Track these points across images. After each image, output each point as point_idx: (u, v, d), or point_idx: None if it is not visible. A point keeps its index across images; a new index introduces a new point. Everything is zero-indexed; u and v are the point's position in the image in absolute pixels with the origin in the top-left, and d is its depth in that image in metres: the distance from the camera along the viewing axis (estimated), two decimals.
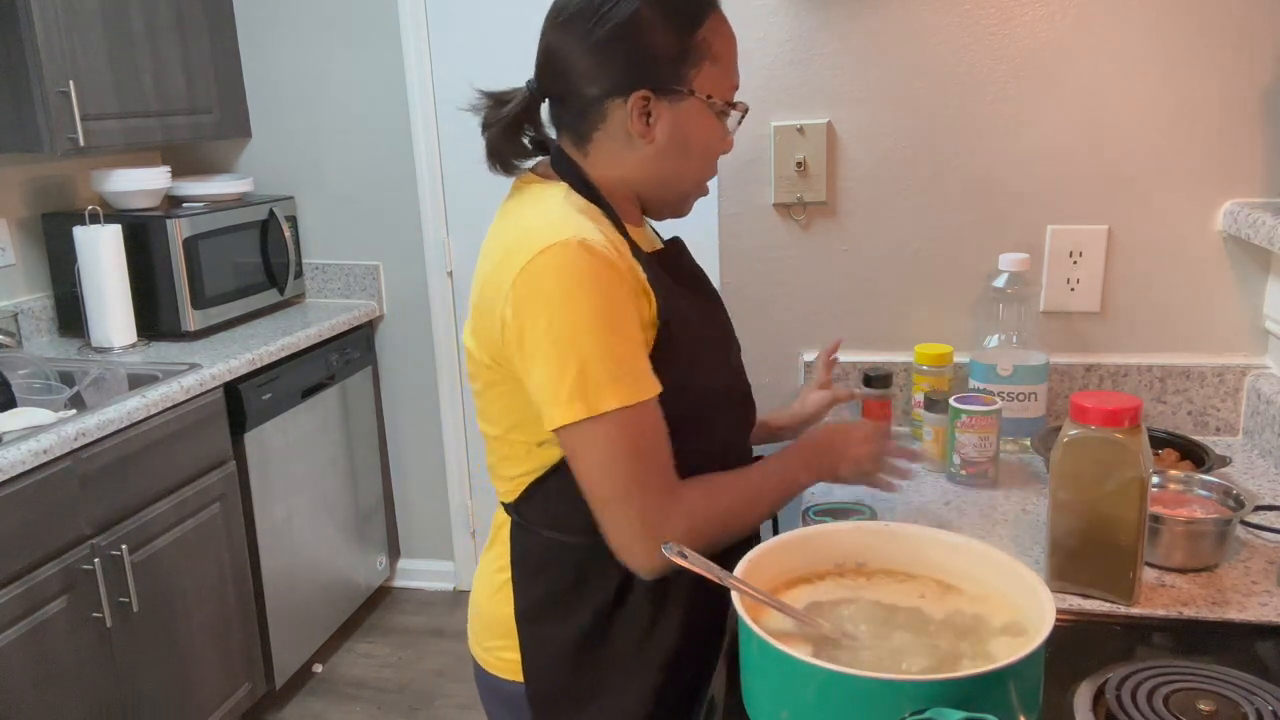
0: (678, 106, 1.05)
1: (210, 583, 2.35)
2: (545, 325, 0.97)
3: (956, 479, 1.47)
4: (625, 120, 1.05)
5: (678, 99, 1.05)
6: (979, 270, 1.69)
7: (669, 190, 1.12)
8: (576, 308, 0.96)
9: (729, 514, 1.06)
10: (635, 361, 0.99)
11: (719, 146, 1.11)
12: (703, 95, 1.05)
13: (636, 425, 0.99)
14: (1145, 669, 0.94)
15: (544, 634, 1.13)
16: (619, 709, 1.11)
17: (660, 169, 1.09)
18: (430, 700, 2.73)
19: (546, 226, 1.01)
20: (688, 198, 1.15)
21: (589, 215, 1.05)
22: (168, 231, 2.54)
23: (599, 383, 0.96)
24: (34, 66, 2.27)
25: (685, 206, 1.17)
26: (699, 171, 1.12)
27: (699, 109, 1.06)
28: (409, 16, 2.88)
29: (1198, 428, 1.64)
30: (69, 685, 1.93)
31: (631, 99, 1.04)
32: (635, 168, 1.09)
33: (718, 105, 1.07)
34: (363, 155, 3.02)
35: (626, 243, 1.07)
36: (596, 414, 0.96)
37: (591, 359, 0.96)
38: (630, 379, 0.98)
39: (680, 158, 1.09)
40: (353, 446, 3.01)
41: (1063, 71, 1.59)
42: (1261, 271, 1.60)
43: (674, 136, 1.07)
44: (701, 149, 1.10)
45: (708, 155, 1.11)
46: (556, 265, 0.97)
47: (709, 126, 1.08)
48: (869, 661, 0.85)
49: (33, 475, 1.84)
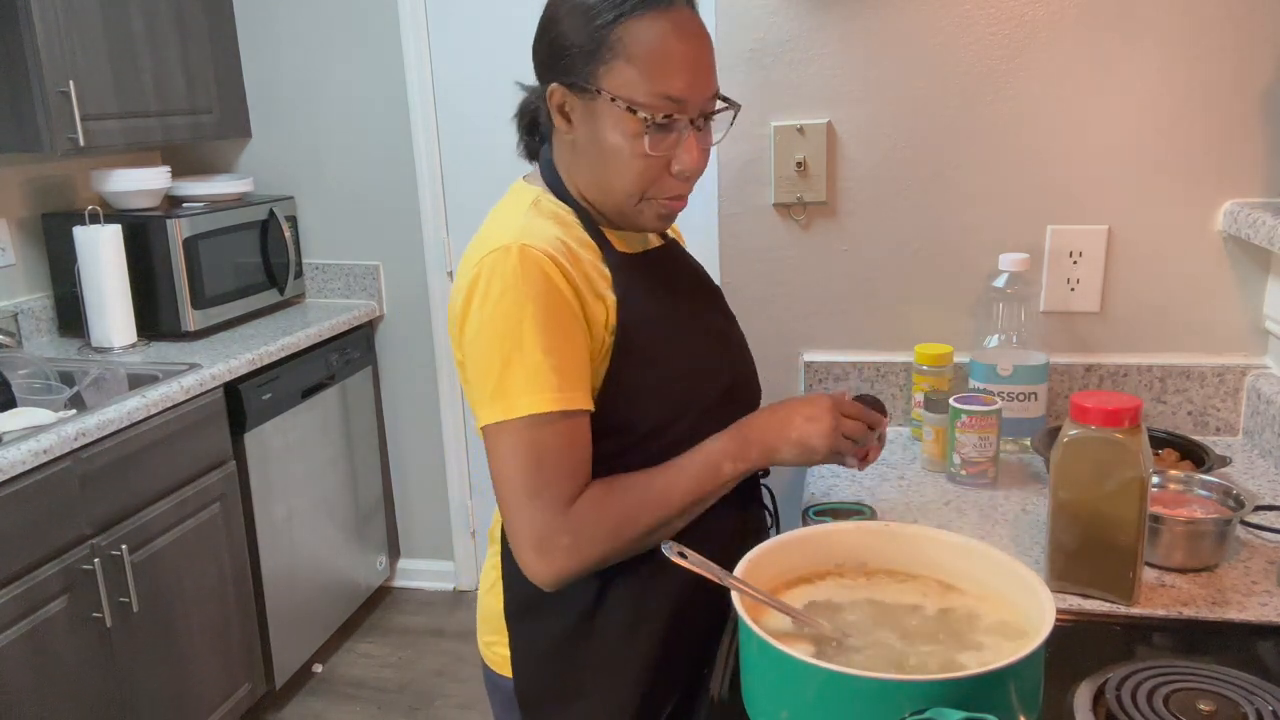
0: (591, 106, 1.02)
1: (210, 583, 2.35)
2: (478, 328, 1.00)
3: (956, 479, 1.47)
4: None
5: (589, 97, 1.01)
6: (979, 270, 1.69)
7: (606, 196, 1.06)
8: (507, 313, 0.98)
9: (624, 521, 1.02)
10: (561, 371, 0.98)
11: (634, 152, 1.01)
12: (611, 96, 0.99)
13: (545, 434, 0.98)
14: (1145, 669, 0.94)
15: (530, 631, 1.13)
16: (605, 710, 1.11)
17: (592, 171, 1.06)
18: (430, 700, 2.73)
19: (498, 231, 1.03)
20: (626, 209, 1.06)
21: (556, 220, 1.06)
22: (168, 231, 2.54)
23: (517, 388, 0.98)
24: (34, 66, 2.27)
25: (636, 218, 1.07)
26: (624, 178, 1.03)
27: (609, 110, 1.00)
28: (409, 16, 2.87)
29: (1198, 428, 1.64)
30: (69, 685, 1.93)
31: (549, 91, 1.04)
32: (572, 168, 1.09)
33: (628, 108, 0.99)
34: (363, 155, 3.02)
35: (598, 246, 1.07)
36: (509, 418, 0.98)
37: (514, 364, 0.98)
38: (548, 388, 0.98)
39: (602, 163, 1.03)
40: (353, 446, 3.01)
41: (1063, 71, 1.59)
42: (1261, 271, 1.60)
43: (592, 137, 1.03)
44: (618, 153, 1.01)
45: (624, 163, 1.02)
46: (496, 271, 0.99)
47: (620, 131, 1.00)
48: (869, 661, 0.85)
49: (33, 475, 1.84)
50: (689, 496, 1.04)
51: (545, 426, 0.98)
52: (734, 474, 1.07)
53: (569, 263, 1.02)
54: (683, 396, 1.09)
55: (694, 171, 1.04)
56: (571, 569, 1.01)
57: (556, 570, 1.01)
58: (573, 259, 1.03)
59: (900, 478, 1.52)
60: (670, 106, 0.99)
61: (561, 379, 0.98)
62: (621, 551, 1.03)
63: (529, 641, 1.13)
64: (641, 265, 1.11)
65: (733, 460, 1.06)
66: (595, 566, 1.03)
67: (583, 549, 1.00)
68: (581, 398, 1.01)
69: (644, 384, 1.06)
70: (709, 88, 1.03)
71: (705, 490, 1.05)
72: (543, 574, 1.01)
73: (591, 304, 1.03)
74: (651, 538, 1.03)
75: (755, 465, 1.08)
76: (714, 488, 1.06)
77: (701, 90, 1.02)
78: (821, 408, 1.08)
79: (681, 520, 1.05)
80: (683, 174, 1.03)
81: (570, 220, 1.08)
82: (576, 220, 1.09)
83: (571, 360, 1.00)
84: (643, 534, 1.03)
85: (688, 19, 1.01)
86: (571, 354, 1.00)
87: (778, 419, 1.08)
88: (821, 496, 1.44)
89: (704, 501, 1.06)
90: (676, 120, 1.01)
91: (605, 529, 1.01)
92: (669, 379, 1.08)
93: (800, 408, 1.09)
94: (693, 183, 1.07)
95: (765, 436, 1.07)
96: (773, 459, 1.08)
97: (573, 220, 1.08)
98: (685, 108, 1.00)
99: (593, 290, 1.03)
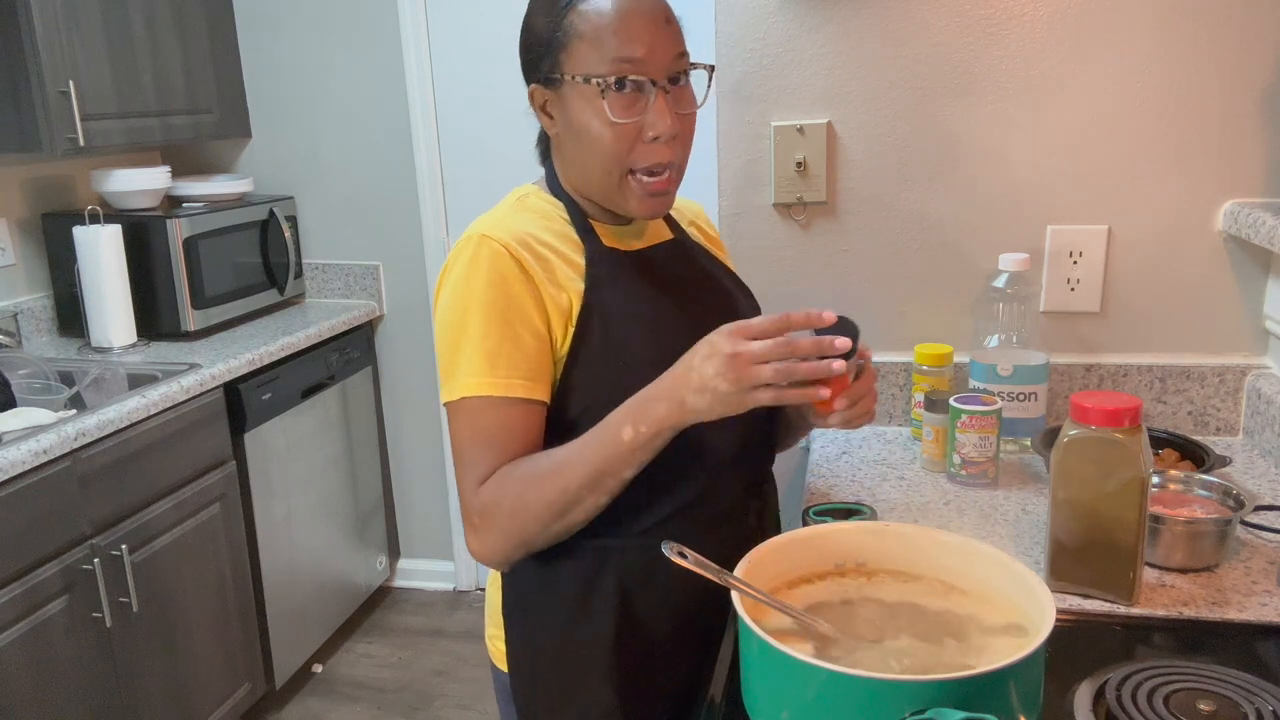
0: (561, 94, 1.05)
1: (210, 583, 2.35)
2: (439, 313, 1.06)
3: (956, 479, 1.47)
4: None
5: (557, 86, 1.04)
6: (979, 270, 1.69)
7: (590, 182, 1.08)
8: (459, 299, 1.03)
9: (526, 491, 0.99)
10: (497, 357, 1.01)
11: (600, 124, 1.02)
12: (572, 76, 1.02)
13: (481, 417, 1.02)
14: (1145, 669, 0.94)
15: (525, 627, 1.13)
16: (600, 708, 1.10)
17: (574, 160, 1.08)
18: (430, 700, 2.73)
19: (477, 223, 1.08)
20: (610, 190, 1.06)
21: (538, 214, 1.10)
22: (168, 231, 2.54)
23: (463, 370, 1.02)
24: (34, 66, 2.27)
25: (622, 201, 1.07)
26: (598, 153, 1.03)
27: (574, 91, 1.03)
28: (409, 16, 2.87)
29: (1198, 428, 1.64)
30: (69, 685, 1.93)
31: (530, 93, 1.09)
32: (562, 163, 1.12)
33: (585, 80, 1.01)
34: (363, 155, 3.02)
35: (581, 240, 1.09)
36: (452, 399, 1.03)
37: (461, 347, 1.02)
38: (483, 373, 1.01)
39: (579, 145, 1.05)
40: (353, 446, 3.01)
41: (1063, 71, 1.59)
42: (1261, 271, 1.60)
43: (566, 124, 1.06)
44: (588, 130, 1.03)
45: (594, 136, 1.02)
46: (458, 260, 1.05)
47: (586, 107, 1.02)
48: (869, 661, 0.85)
49: (33, 475, 1.84)
50: (589, 466, 0.97)
51: (483, 410, 1.02)
52: (640, 438, 0.95)
53: (530, 255, 1.05)
54: None
55: (669, 133, 1.02)
56: (494, 545, 1.02)
57: (479, 546, 1.03)
58: (540, 251, 1.06)
59: (900, 478, 1.52)
60: (626, 68, 1.00)
61: (494, 366, 1.01)
62: (534, 526, 1.00)
63: (524, 637, 1.14)
64: (628, 261, 1.11)
65: (633, 423, 0.95)
66: (517, 544, 1.02)
67: (493, 523, 1.01)
68: (522, 386, 1.02)
69: (603, 375, 1.05)
70: (670, 47, 1.02)
71: (608, 459, 0.96)
72: (472, 550, 1.04)
73: (554, 294, 1.05)
74: (563, 515, 0.99)
75: (665, 423, 0.95)
76: (617, 454, 0.96)
77: (660, 49, 1.01)
78: (717, 337, 0.93)
79: (592, 495, 0.98)
80: (658, 139, 1.02)
81: (555, 214, 1.11)
82: (564, 214, 1.11)
83: (512, 348, 1.02)
84: (549, 508, 0.98)
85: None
86: (512, 342, 1.02)
87: (680, 367, 0.95)
88: (821, 497, 1.44)
89: (612, 474, 0.97)
90: (639, 82, 1.01)
91: (508, 503, 1.00)
92: (631, 371, 1.04)
93: (699, 346, 0.94)
94: (674, 152, 1.05)
95: (667, 391, 0.95)
96: (684, 413, 0.94)
97: (559, 214, 1.11)
98: (643, 67, 1.00)
99: (556, 281, 1.06)
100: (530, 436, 1.03)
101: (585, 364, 1.05)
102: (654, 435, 0.95)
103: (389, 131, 2.98)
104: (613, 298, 1.07)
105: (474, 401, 1.01)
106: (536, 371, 1.03)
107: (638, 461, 0.97)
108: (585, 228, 1.10)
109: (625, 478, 0.98)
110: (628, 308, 1.08)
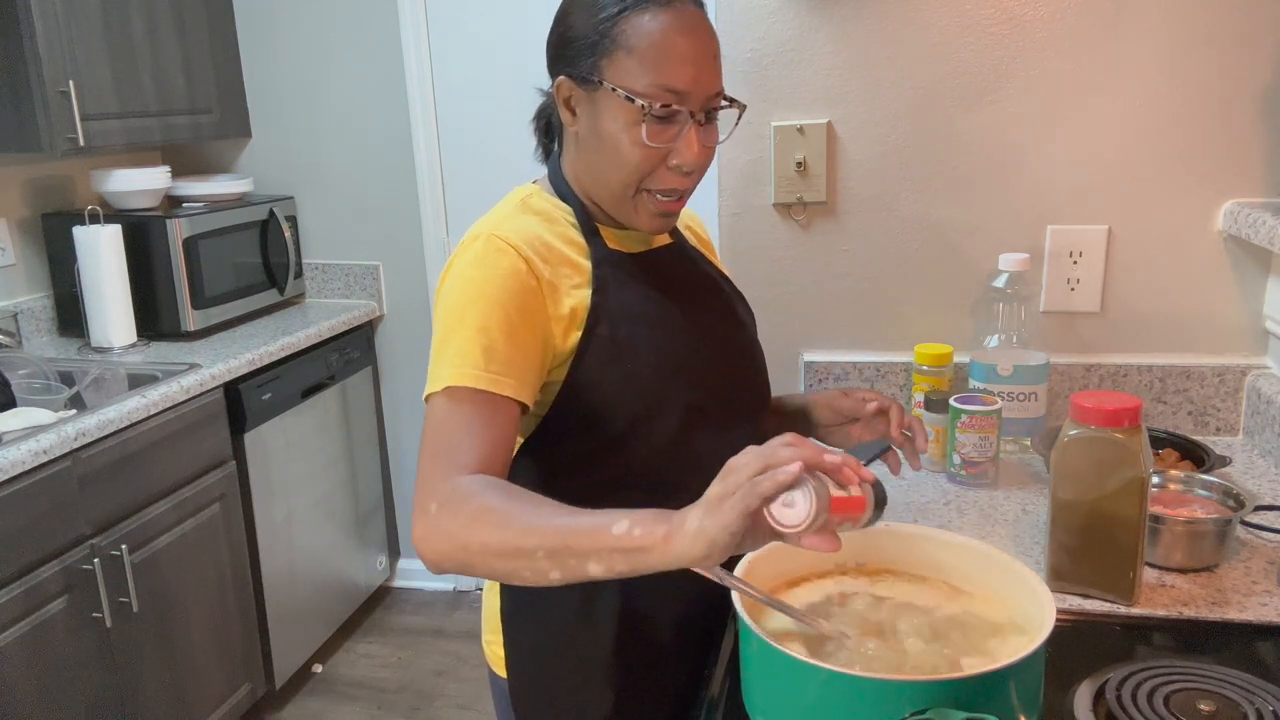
0: (593, 96, 1.03)
1: (210, 583, 2.35)
2: (437, 308, 1.04)
3: (956, 479, 1.47)
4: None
5: (591, 88, 1.03)
6: (979, 270, 1.69)
7: (604, 189, 1.07)
8: (459, 293, 1.02)
9: (485, 516, 0.88)
10: (492, 352, 0.98)
11: (632, 141, 1.01)
12: (612, 87, 1.01)
13: (460, 407, 0.96)
14: (1145, 669, 0.94)
15: (523, 631, 1.13)
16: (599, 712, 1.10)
17: (591, 163, 1.07)
18: (430, 700, 2.73)
19: (482, 223, 1.07)
20: (622, 202, 1.06)
21: (542, 216, 1.09)
22: (168, 231, 2.54)
23: (447, 361, 0.99)
24: (34, 66, 2.27)
25: (631, 215, 1.07)
26: (621, 168, 1.03)
27: (609, 100, 1.01)
28: (409, 16, 2.87)
29: (1198, 428, 1.64)
30: (69, 685, 1.93)
31: (556, 84, 1.07)
32: (575, 162, 1.11)
33: (628, 98, 1.00)
34: (363, 155, 3.02)
35: (585, 242, 1.09)
36: (434, 390, 0.99)
37: (451, 339, 1.00)
38: (472, 365, 0.97)
39: (601, 153, 1.05)
40: (353, 446, 3.01)
41: (1062, 71, 1.59)
42: (1261, 271, 1.60)
43: (592, 128, 1.04)
44: (617, 144, 1.02)
45: (620, 152, 1.02)
46: (461, 256, 1.04)
47: (619, 120, 1.01)
48: (869, 661, 0.85)
49: (33, 475, 1.84)
50: (564, 532, 0.83)
51: (463, 401, 0.97)
52: (629, 539, 0.80)
53: (539, 257, 1.04)
54: (657, 395, 1.07)
55: (693, 166, 1.03)
56: (433, 543, 0.90)
57: (423, 532, 0.90)
58: (545, 253, 1.05)
59: (900, 478, 1.51)
60: (670, 98, 1.00)
61: (489, 360, 0.97)
62: (475, 553, 0.88)
63: (522, 641, 1.13)
64: (632, 263, 1.11)
65: (632, 523, 0.81)
66: (451, 550, 0.89)
67: (442, 523, 0.89)
68: (509, 385, 0.98)
69: (609, 378, 1.04)
70: (712, 84, 1.03)
71: (581, 536, 0.83)
72: (414, 535, 0.92)
73: (561, 298, 1.04)
74: (511, 559, 0.86)
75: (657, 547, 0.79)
76: (595, 540, 0.82)
77: (704, 85, 1.02)
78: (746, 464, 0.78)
79: (547, 561, 0.84)
80: (681, 168, 1.03)
81: (560, 216, 1.10)
82: (569, 217, 1.10)
83: (509, 346, 0.99)
84: (499, 546, 0.86)
85: (691, 14, 1.02)
86: (510, 340, 0.99)
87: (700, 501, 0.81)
88: None
89: (577, 555, 0.82)
90: (677, 113, 1.01)
91: (466, 513, 0.88)
92: (637, 375, 1.05)
93: (715, 484, 0.79)
94: (692, 181, 1.06)
95: (679, 517, 0.79)
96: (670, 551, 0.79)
97: (564, 216, 1.10)
98: (686, 100, 1.01)
99: (564, 284, 1.05)
100: (507, 436, 1.00)
101: (591, 366, 1.04)
102: (637, 541, 0.80)
103: (389, 131, 2.98)
104: (619, 299, 1.07)
105: (456, 391, 0.97)
106: (526, 373, 1.01)
107: (605, 566, 0.82)
108: (591, 229, 1.10)
109: (586, 571, 0.83)
110: (634, 309, 1.08)
